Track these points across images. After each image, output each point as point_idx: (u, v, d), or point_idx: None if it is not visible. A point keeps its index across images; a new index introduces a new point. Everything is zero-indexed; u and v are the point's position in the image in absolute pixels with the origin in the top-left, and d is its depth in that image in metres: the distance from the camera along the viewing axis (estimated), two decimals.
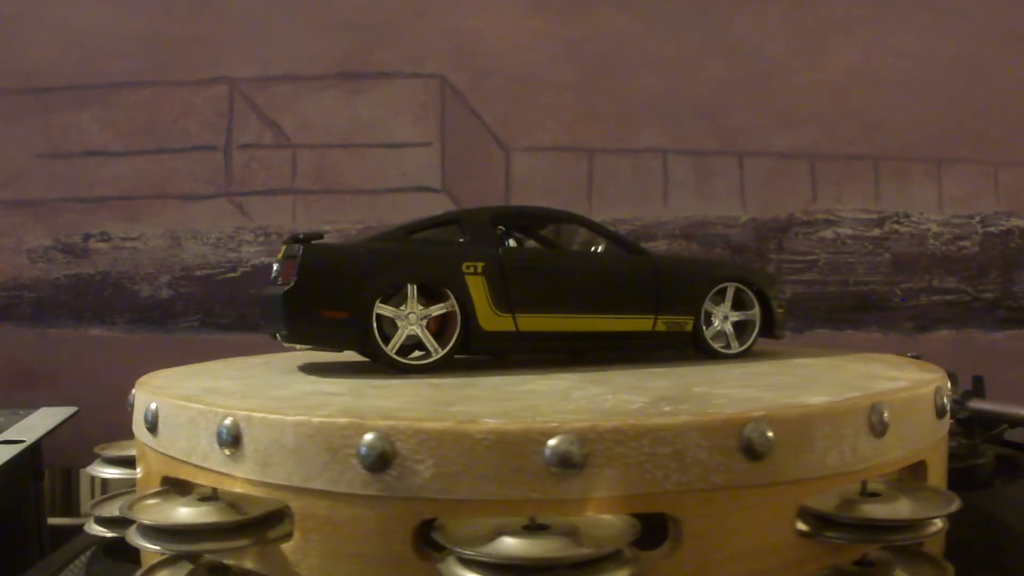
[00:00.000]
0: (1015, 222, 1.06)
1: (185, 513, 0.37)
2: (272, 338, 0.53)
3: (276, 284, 0.52)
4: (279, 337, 0.52)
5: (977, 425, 0.67)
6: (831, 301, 1.06)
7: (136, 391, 0.47)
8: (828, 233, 1.06)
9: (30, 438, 0.71)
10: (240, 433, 0.37)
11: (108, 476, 0.53)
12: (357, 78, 1.06)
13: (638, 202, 1.06)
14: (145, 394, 0.45)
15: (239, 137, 1.06)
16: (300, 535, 0.36)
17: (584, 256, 0.59)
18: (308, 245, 0.50)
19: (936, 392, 0.43)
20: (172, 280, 1.06)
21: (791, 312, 0.61)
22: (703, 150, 1.06)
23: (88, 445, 0.57)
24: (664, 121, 1.06)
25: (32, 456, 0.73)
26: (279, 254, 0.53)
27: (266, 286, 0.53)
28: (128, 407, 0.48)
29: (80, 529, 0.52)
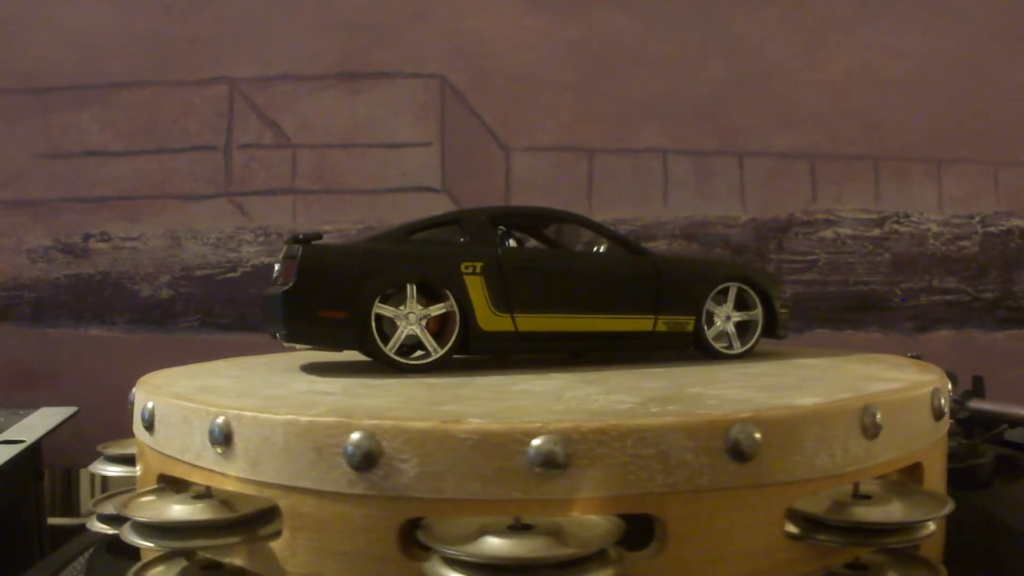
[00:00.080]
0: (1015, 222, 1.06)
1: (178, 510, 0.38)
2: (272, 338, 0.53)
3: (277, 284, 0.52)
4: (279, 337, 0.52)
5: (977, 425, 0.67)
6: (831, 301, 1.06)
7: (136, 390, 0.47)
8: (828, 233, 1.06)
9: (30, 438, 0.71)
10: (231, 432, 0.37)
11: (110, 474, 0.53)
12: (357, 78, 1.06)
13: (638, 202, 1.06)
14: (143, 393, 0.45)
15: (239, 137, 1.06)
16: (289, 533, 0.36)
17: (583, 256, 0.59)
18: (307, 246, 0.51)
19: (933, 394, 0.43)
20: (172, 280, 1.06)
21: (791, 312, 0.61)
22: (703, 150, 1.06)
23: (88, 445, 0.57)
24: (664, 121, 1.06)
25: (32, 456, 0.73)
26: (280, 254, 0.53)
27: (268, 286, 0.53)
28: (129, 406, 0.48)
29: (80, 529, 0.52)
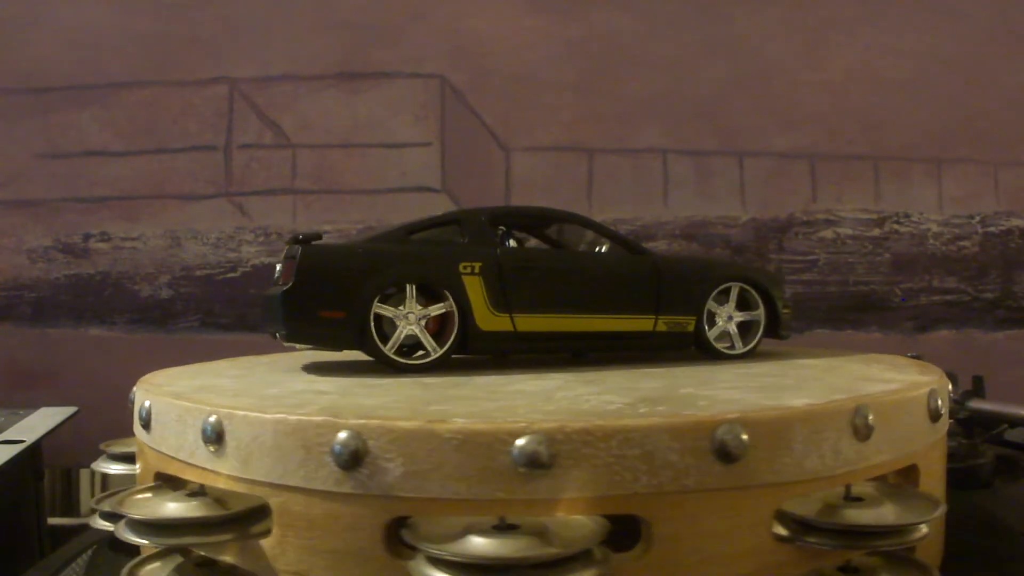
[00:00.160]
0: (1015, 222, 1.06)
1: (170, 508, 0.38)
2: (272, 338, 0.53)
3: (277, 284, 0.52)
4: (279, 337, 0.52)
5: (977, 425, 0.67)
6: (831, 301, 1.06)
7: (135, 389, 0.47)
8: (828, 233, 1.06)
9: (30, 438, 0.71)
10: (223, 430, 0.38)
11: (112, 472, 0.54)
12: (357, 78, 1.06)
13: (638, 202, 1.06)
14: (142, 392, 0.45)
15: (239, 137, 1.06)
16: (279, 531, 0.37)
17: (583, 256, 0.59)
18: (306, 246, 0.51)
19: (930, 395, 0.42)
20: (172, 280, 1.06)
21: (793, 312, 0.61)
22: (703, 150, 1.06)
23: (88, 445, 0.57)
24: (664, 121, 1.06)
25: (32, 456, 0.73)
26: (282, 254, 0.53)
27: (268, 286, 0.54)
28: (129, 405, 0.48)
29: (80, 529, 0.52)
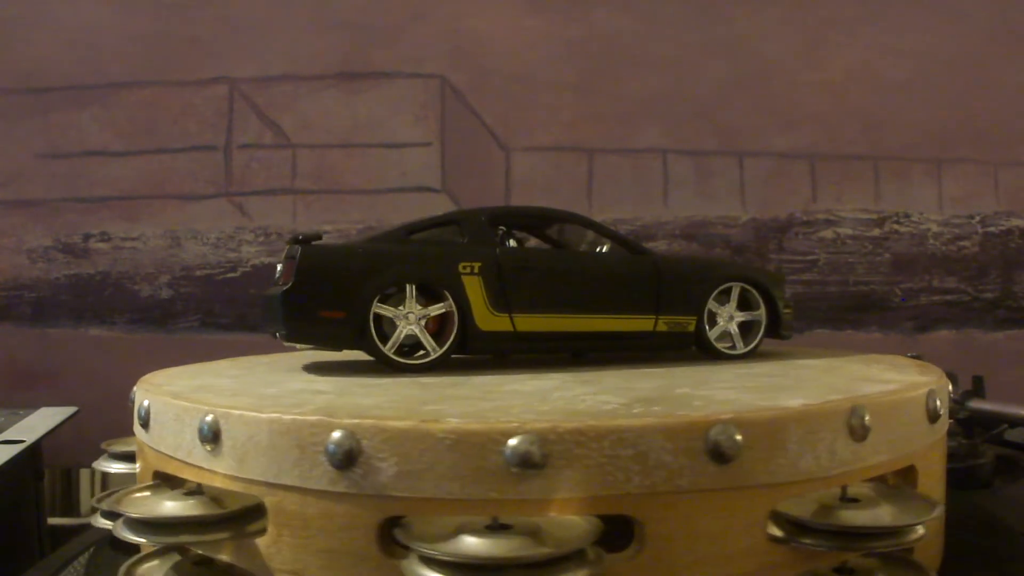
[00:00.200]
0: (1015, 222, 1.06)
1: (167, 507, 0.38)
2: (273, 338, 0.53)
3: (278, 284, 0.52)
4: (278, 336, 0.52)
5: (977, 425, 0.67)
6: (831, 301, 1.06)
7: (136, 388, 0.48)
8: (828, 233, 1.06)
9: (30, 438, 0.71)
10: (219, 430, 0.38)
11: (113, 471, 0.54)
12: (357, 78, 1.06)
13: (638, 202, 1.06)
14: (141, 391, 0.45)
15: (239, 137, 1.06)
16: (274, 530, 0.37)
17: (582, 256, 0.59)
18: (306, 246, 0.51)
19: (928, 396, 0.42)
20: (172, 280, 1.06)
21: (795, 312, 0.61)
22: (703, 150, 1.06)
23: (88, 445, 0.57)
24: (664, 121, 1.06)
25: (32, 456, 0.73)
26: (282, 254, 0.53)
27: (269, 286, 0.54)
28: (130, 405, 0.48)
29: (80, 529, 0.52)
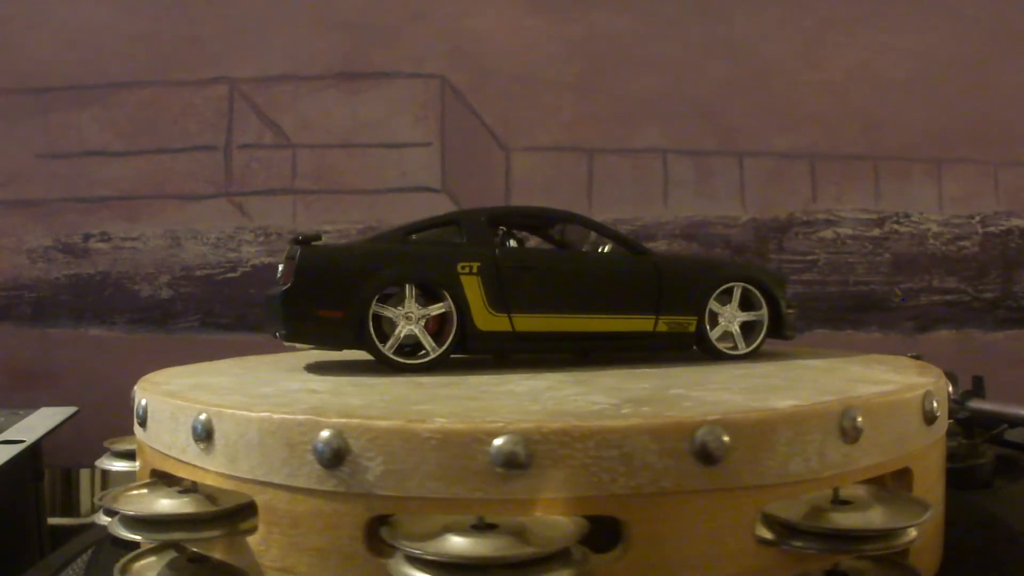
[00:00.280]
0: (1015, 222, 1.06)
1: (162, 504, 0.39)
2: (274, 337, 0.54)
3: (278, 284, 0.52)
4: (278, 336, 0.52)
5: (977, 425, 0.67)
6: (831, 301, 1.06)
7: (136, 387, 0.48)
8: (828, 233, 1.06)
9: (30, 438, 0.71)
10: (212, 428, 0.38)
11: (115, 469, 0.54)
12: (357, 78, 1.06)
13: (638, 202, 1.06)
14: (140, 390, 0.46)
15: (239, 137, 1.06)
16: (264, 528, 0.37)
17: (582, 256, 0.59)
18: (305, 247, 0.51)
19: (924, 397, 0.42)
20: (172, 280, 1.06)
21: (798, 312, 0.60)
22: (703, 150, 1.06)
23: (88, 445, 0.57)
24: (664, 121, 1.06)
25: (32, 456, 0.73)
26: (283, 255, 0.53)
27: (271, 286, 0.54)
28: (131, 404, 0.48)
29: (80, 529, 0.52)
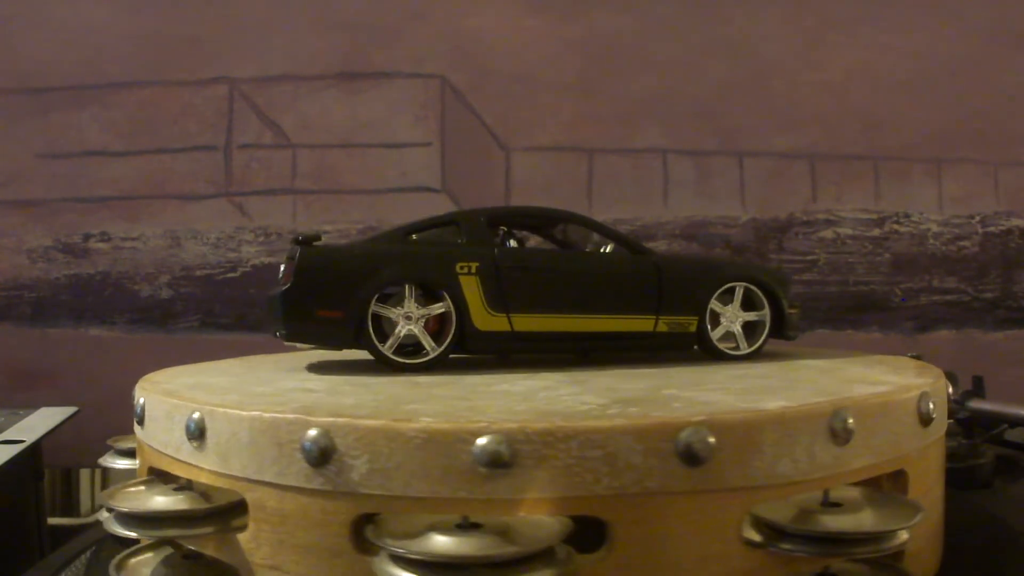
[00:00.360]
0: (1015, 222, 1.06)
1: (156, 501, 0.39)
2: (274, 337, 0.54)
3: (279, 284, 0.52)
4: (279, 336, 0.53)
5: (977, 425, 0.67)
6: (831, 301, 1.06)
7: (136, 387, 0.48)
8: (828, 233, 1.06)
9: (30, 438, 0.71)
10: (205, 427, 0.39)
11: (118, 467, 0.55)
12: (357, 78, 1.06)
13: (638, 202, 1.06)
14: (139, 389, 0.46)
15: (239, 137, 1.06)
16: (254, 525, 0.37)
17: (582, 256, 0.59)
18: (305, 247, 0.51)
19: (920, 399, 0.41)
20: (172, 280, 1.06)
21: (801, 312, 0.60)
22: (703, 150, 1.06)
23: (88, 445, 0.57)
24: (664, 121, 1.06)
25: (32, 456, 0.73)
26: (285, 255, 0.54)
27: (273, 286, 0.54)
28: (132, 403, 0.49)
29: (80, 529, 0.52)
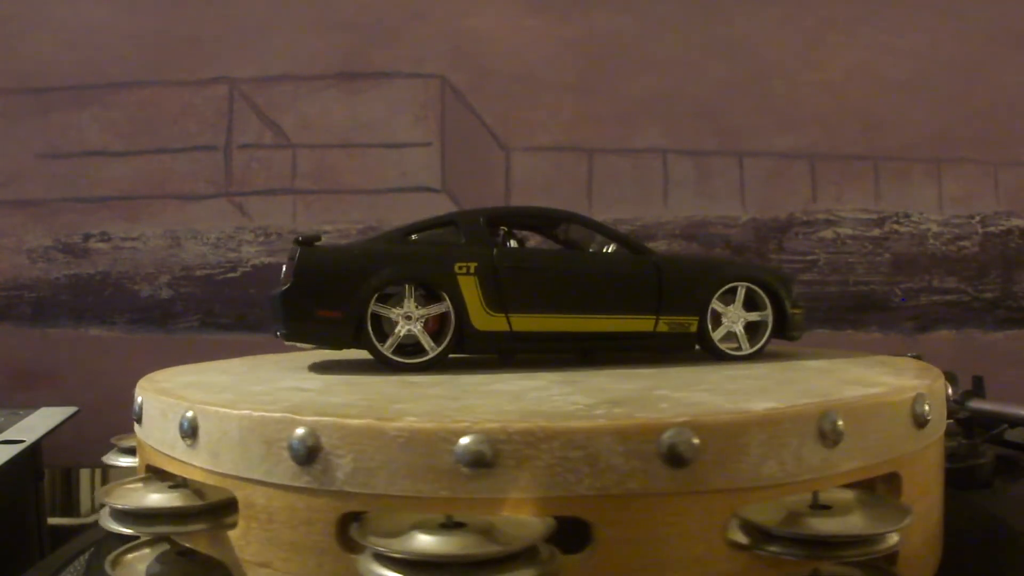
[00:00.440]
0: (1015, 222, 1.07)
1: (150, 499, 0.40)
2: (275, 336, 0.54)
3: (280, 284, 0.53)
4: (279, 335, 0.53)
5: (977, 425, 0.67)
6: (831, 301, 1.06)
7: (137, 386, 0.48)
8: (828, 233, 1.06)
9: (30, 438, 0.71)
10: (197, 425, 0.39)
11: (121, 464, 0.55)
12: (357, 78, 1.06)
13: (638, 202, 1.06)
14: (139, 388, 0.47)
15: (239, 137, 1.06)
16: (243, 523, 0.38)
17: (581, 256, 0.59)
18: (305, 247, 0.52)
19: (915, 400, 0.41)
20: (172, 280, 1.06)
21: (804, 312, 0.60)
22: (703, 150, 1.06)
23: (88, 445, 0.57)
24: (664, 121, 1.06)
25: (32, 456, 0.73)
26: (288, 255, 0.54)
27: (275, 286, 0.55)
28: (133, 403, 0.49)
29: (80, 529, 0.53)
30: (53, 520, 0.90)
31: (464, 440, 0.34)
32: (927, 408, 0.41)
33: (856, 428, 0.38)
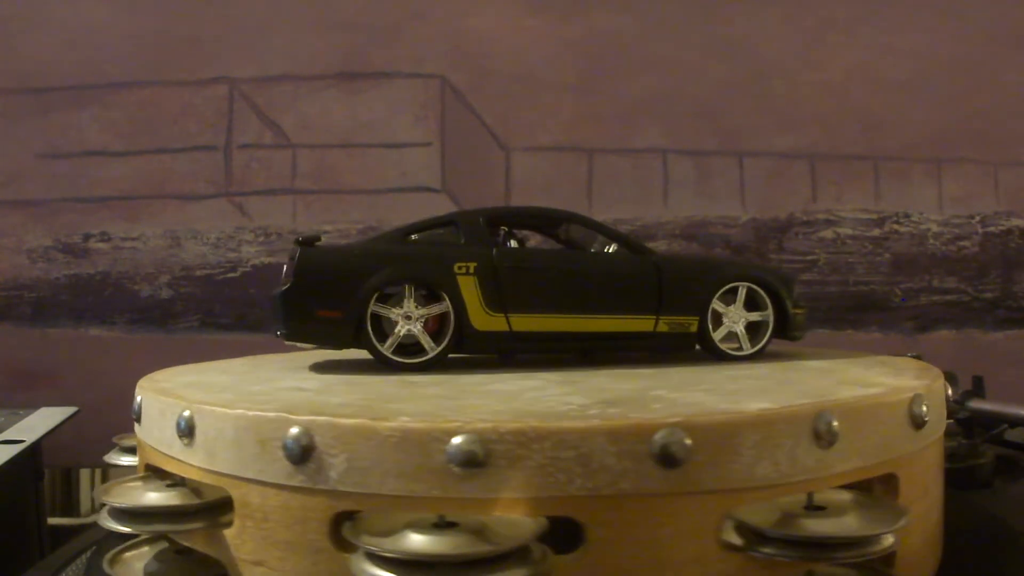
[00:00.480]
0: (1015, 222, 1.07)
1: (148, 497, 0.40)
2: (276, 336, 0.54)
3: (280, 284, 0.53)
4: (279, 335, 0.53)
5: (977, 425, 0.67)
6: (831, 301, 1.06)
7: (137, 385, 0.48)
8: (828, 233, 1.06)
9: (30, 438, 0.71)
10: (194, 424, 0.39)
11: (123, 463, 0.55)
12: (357, 78, 1.06)
13: (638, 202, 1.06)
14: (139, 388, 0.47)
15: (239, 137, 1.06)
16: (239, 522, 0.38)
17: (581, 256, 0.59)
18: (305, 247, 0.52)
19: (913, 401, 0.40)
20: (172, 280, 1.06)
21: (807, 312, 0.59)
22: (703, 150, 1.06)
23: (88, 445, 0.57)
24: (664, 121, 1.06)
25: (32, 456, 0.73)
26: (288, 255, 0.54)
27: (275, 286, 0.55)
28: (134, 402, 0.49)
29: (80, 529, 0.53)
30: (53, 520, 0.90)
31: (456, 440, 0.34)
32: (925, 409, 0.41)
33: (852, 429, 0.37)
